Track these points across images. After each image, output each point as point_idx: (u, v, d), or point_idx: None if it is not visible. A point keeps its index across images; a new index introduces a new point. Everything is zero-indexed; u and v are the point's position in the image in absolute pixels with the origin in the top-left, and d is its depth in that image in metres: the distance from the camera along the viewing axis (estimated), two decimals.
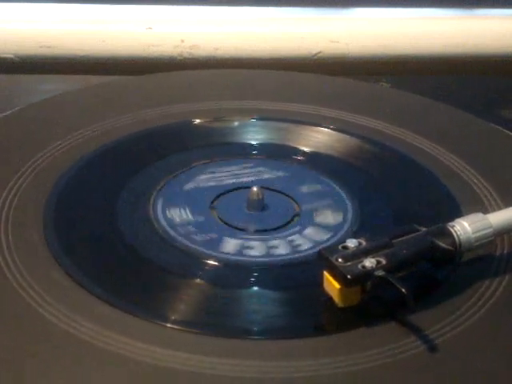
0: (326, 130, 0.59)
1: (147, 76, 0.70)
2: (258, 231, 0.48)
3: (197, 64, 0.80)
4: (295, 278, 0.45)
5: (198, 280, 0.44)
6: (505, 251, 0.46)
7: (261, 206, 0.50)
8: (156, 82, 0.67)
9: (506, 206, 0.47)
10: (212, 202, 0.51)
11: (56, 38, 0.79)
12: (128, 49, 0.80)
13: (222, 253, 0.46)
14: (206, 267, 0.45)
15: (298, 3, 0.95)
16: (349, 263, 0.40)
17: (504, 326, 0.41)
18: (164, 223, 0.49)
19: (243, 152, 0.57)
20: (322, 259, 0.41)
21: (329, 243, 0.47)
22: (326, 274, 0.40)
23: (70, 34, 0.80)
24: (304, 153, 0.57)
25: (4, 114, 0.59)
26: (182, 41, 0.80)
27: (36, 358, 0.37)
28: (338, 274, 0.39)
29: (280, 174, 0.54)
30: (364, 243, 0.41)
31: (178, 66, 0.80)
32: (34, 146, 0.54)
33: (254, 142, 0.58)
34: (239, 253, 0.46)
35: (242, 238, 0.48)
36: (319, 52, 0.81)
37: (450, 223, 0.43)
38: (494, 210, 0.48)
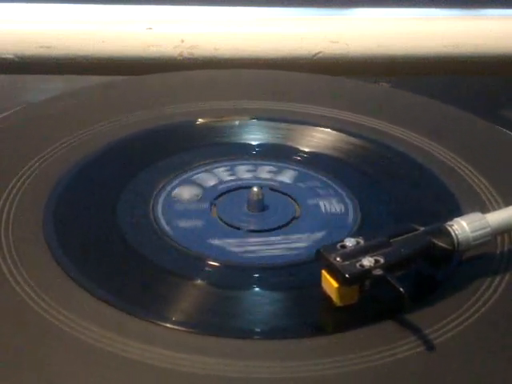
0: (326, 129, 0.59)
1: (147, 76, 0.70)
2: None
3: (197, 64, 0.80)
4: (295, 279, 0.45)
5: (198, 280, 0.44)
6: (505, 251, 0.46)
7: (261, 206, 0.50)
8: (156, 82, 0.67)
9: (506, 205, 0.47)
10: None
11: (56, 38, 0.79)
12: (128, 49, 0.80)
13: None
14: (206, 267, 0.45)
15: (298, 3, 0.95)
16: (347, 262, 0.40)
17: (504, 326, 0.41)
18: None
19: (243, 152, 0.57)
20: (320, 258, 0.41)
21: (328, 242, 0.47)
22: (324, 272, 0.40)
23: (69, 34, 0.80)
24: (304, 153, 0.57)
25: (4, 114, 0.59)
26: (182, 41, 0.80)
27: (36, 358, 0.37)
28: (336, 273, 0.40)
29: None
30: (362, 242, 0.41)
31: (178, 66, 0.80)
32: (35, 146, 0.54)
33: (253, 142, 0.58)
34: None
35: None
36: (319, 52, 0.81)
37: (449, 222, 0.43)
38: (493, 210, 0.48)
